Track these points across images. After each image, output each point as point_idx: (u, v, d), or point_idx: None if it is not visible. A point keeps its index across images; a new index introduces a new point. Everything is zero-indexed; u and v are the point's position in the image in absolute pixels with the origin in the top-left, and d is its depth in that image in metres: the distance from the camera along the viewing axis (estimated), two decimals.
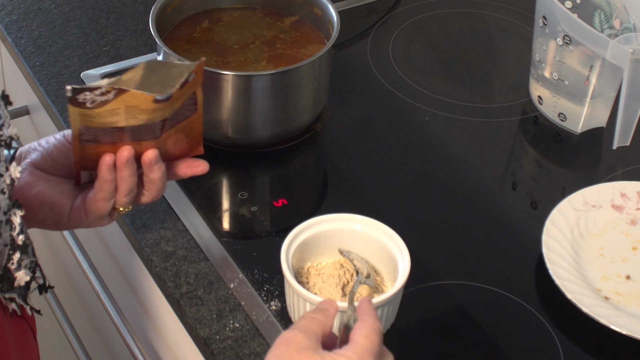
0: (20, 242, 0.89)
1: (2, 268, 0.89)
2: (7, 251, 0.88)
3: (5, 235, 0.87)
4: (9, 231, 0.88)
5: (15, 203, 0.88)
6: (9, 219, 0.87)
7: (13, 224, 0.88)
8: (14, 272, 0.90)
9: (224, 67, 1.26)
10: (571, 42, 1.26)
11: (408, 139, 1.32)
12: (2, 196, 0.86)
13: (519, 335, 1.09)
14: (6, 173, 0.87)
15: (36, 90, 1.37)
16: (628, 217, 1.19)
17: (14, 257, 0.89)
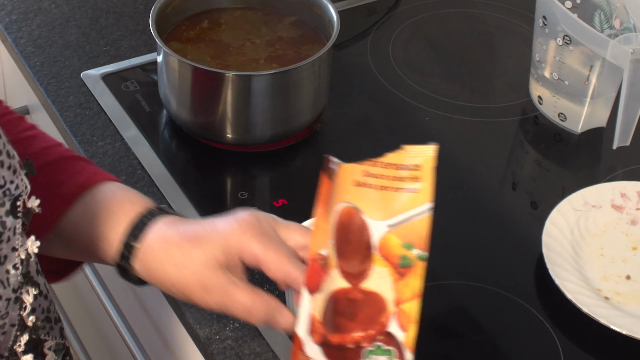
0: (29, 323, 0.83)
1: (8, 350, 0.83)
2: (14, 332, 0.82)
3: (13, 314, 0.81)
4: (18, 310, 0.81)
5: (29, 280, 0.81)
6: (18, 297, 0.81)
7: (24, 303, 0.81)
8: (20, 356, 0.84)
9: (224, 67, 1.26)
10: (571, 42, 1.26)
11: (408, 139, 1.32)
12: (14, 272, 0.80)
13: (519, 335, 1.09)
14: (21, 247, 0.80)
15: (36, 90, 1.37)
16: (628, 217, 1.19)
17: (21, 339, 0.83)
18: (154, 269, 0.92)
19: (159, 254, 0.91)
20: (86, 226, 0.94)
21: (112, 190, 0.96)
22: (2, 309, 0.79)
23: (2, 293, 0.79)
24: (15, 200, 0.78)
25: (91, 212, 0.94)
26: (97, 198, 0.95)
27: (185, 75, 1.23)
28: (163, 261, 0.91)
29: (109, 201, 0.94)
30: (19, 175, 0.78)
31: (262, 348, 1.06)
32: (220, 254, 0.89)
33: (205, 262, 0.89)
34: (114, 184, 0.97)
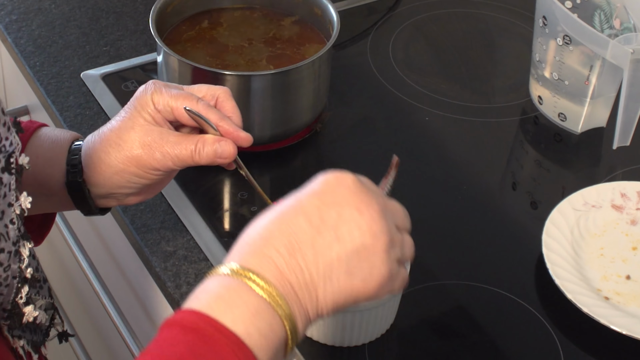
0: (28, 275, 0.86)
1: (11, 303, 0.85)
2: (16, 284, 0.85)
3: (14, 267, 0.84)
4: (18, 263, 0.84)
5: (24, 235, 0.85)
6: (17, 250, 0.84)
7: (22, 256, 0.85)
8: (22, 307, 0.87)
9: (224, 67, 1.26)
10: (571, 42, 1.26)
11: (408, 139, 1.32)
12: (12, 226, 0.82)
13: (519, 335, 1.09)
14: (16, 203, 0.83)
15: (36, 90, 1.37)
16: (628, 217, 1.19)
17: (22, 290, 0.86)
18: (99, 161, 0.99)
19: (97, 146, 0.99)
20: (35, 156, 1.01)
21: (51, 130, 1.05)
22: (4, 261, 0.82)
23: (4, 246, 0.81)
24: (9, 157, 0.81)
25: (39, 144, 1.03)
26: (42, 133, 1.04)
27: (185, 75, 1.23)
28: (104, 149, 0.99)
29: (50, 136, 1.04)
30: (12, 132, 0.81)
31: None
32: (145, 114, 0.98)
33: (135, 125, 0.98)
34: (48, 127, 1.06)
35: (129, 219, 1.19)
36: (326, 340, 1.05)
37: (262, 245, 0.77)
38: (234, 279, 0.76)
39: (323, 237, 0.77)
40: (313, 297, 0.77)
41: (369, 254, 0.78)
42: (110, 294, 1.37)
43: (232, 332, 0.74)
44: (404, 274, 0.82)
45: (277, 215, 0.79)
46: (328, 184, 0.80)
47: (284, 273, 0.77)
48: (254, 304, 0.75)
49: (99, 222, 1.38)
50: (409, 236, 0.84)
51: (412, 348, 1.07)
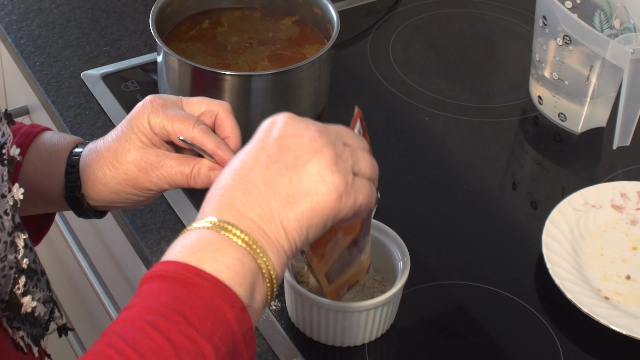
0: (24, 265, 0.87)
1: (9, 294, 0.86)
2: (13, 275, 0.86)
3: (10, 257, 0.85)
4: (14, 254, 0.85)
5: (18, 225, 0.86)
6: (13, 240, 0.85)
7: (17, 247, 0.86)
8: (20, 298, 0.87)
9: (224, 67, 1.26)
10: (571, 42, 1.26)
11: (408, 139, 1.32)
12: (6, 217, 0.84)
13: (519, 335, 1.09)
14: (9, 194, 0.84)
15: (36, 90, 1.37)
16: (628, 217, 1.19)
17: (19, 281, 0.86)
18: (96, 181, 1.00)
19: (95, 165, 1.00)
20: (34, 168, 1.02)
21: (50, 136, 1.04)
22: (0, 251, 0.83)
23: (0, 236, 0.82)
24: (1, 148, 0.81)
25: (39, 154, 1.03)
26: (40, 142, 1.03)
27: (185, 75, 1.23)
28: (100, 169, 0.99)
29: (49, 145, 1.03)
30: (3, 124, 0.81)
31: (262, 348, 1.06)
32: (142, 136, 0.97)
33: (131, 148, 0.98)
34: (51, 131, 1.06)
35: (129, 219, 1.19)
36: (326, 340, 1.05)
37: (220, 195, 0.81)
38: (199, 230, 0.79)
39: (271, 169, 0.80)
40: (279, 227, 0.79)
41: (318, 170, 0.80)
42: (110, 293, 1.37)
43: (210, 274, 0.76)
44: (365, 187, 0.83)
45: (230, 169, 0.82)
46: (265, 128, 0.83)
47: (243, 211, 0.79)
48: (219, 244, 0.78)
49: (98, 222, 1.38)
50: (364, 152, 0.85)
51: (412, 348, 1.07)
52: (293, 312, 1.06)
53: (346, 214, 0.82)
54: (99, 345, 0.74)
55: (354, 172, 0.83)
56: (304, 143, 0.81)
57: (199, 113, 0.98)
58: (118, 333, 0.75)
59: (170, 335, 0.74)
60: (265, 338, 1.06)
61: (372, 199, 0.85)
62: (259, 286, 0.79)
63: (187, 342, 0.74)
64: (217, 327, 0.75)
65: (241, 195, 0.80)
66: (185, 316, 0.74)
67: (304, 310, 1.04)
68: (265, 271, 0.79)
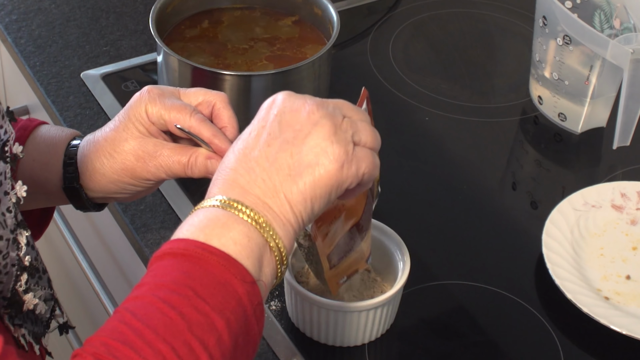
0: (27, 262, 0.87)
1: (11, 291, 0.86)
2: (15, 272, 0.86)
3: (12, 255, 0.85)
4: (16, 251, 0.85)
5: (21, 223, 0.86)
6: (15, 237, 0.85)
7: (20, 244, 0.86)
8: (22, 295, 0.87)
9: (224, 67, 1.26)
10: (571, 42, 1.26)
11: (408, 139, 1.32)
12: (9, 214, 0.84)
13: (519, 335, 1.09)
14: (12, 191, 0.84)
15: (36, 90, 1.37)
16: (628, 217, 1.19)
17: (21, 278, 0.86)
18: (94, 171, 1.00)
19: (92, 155, 1.00)
20: (32, 160, 1.02)
21: (47, 129, 1.04)
22: (3, 249, 0.83)
23: (2, 234, 0.82)
24: (3, 146, 0.81)
25: (36, 147, 1.03)
26: (38, 135, 1.03)
27: (185, 75, 1.23)
28: (98, 159, 0.99)
29: (46, 138, 1.03)
30: (5, 121, 0.81)
31: (262, 348, 1.06)
32: (139, 126, 0.97)
33: (129, 137, 0.98)
34: (46, 125, 1.06)
35: (129, 219, 1.19)
36: (326, 340, 1.05)
37: (225, 175, 0.82)
38: (205, 209, 0.81)
39: (273, 146, 0.82)
40: (283, 201, 0.81)
41: (318, 141, 0.82)
42: (110, 293, 1.37)
43: (219, 249, 0.78)
44: (367, 155, 0.85)
45: (233, 149, 0.84)
46: (265, 107, 0.86)
47: (248, 188, 0.81)
48: (225, 220, 0.79)
49: (98, 221, 1.38)
50: (364, 122, 0.87)
51: (412, 348, 1.07)
52: (293, 312, 1.06)
53: (350, 183, 0.83)
54: (112, 322, 0.75)
55: (355, 141, 0.85)
56: (302, 117, 0.83)
57: (196, 103, 0.99)
58: (130, 310, 0.75)
59: (183, 309, 0.74)
60: (265, 338, 1.06)
61: (376, 167, 0.87)
62: (267, 260, 0.80)
63: (200, 316, 0.74)
64: (228, 301, 0.76)
65: (245, 173, 0.81)
66: (197, 291, 0.75)
67: (304, 310, 1.04)
68: (273, 245, 0.80)
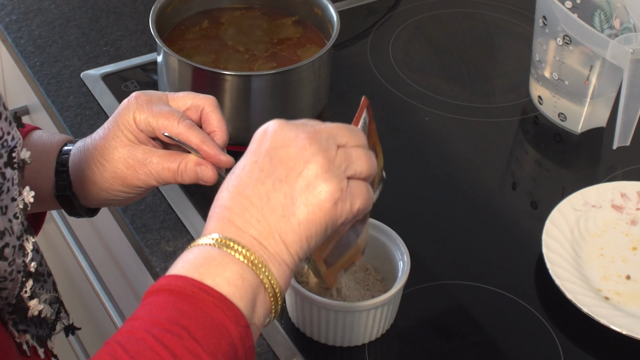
0: (32, 268, 0.87)
1: (16, 297, 0.86)
2: (21, 278, 0.85)
3: (18, 261, 0.84)
4: (22, 257, 0.85)
5: (27, 229, 0.86)
6: (21, 244, 0.84)
7: (26, 250, 0.86)
8: (27, 301, 0.87)
9: (224, 67, 1.26)
10: (571, 42, 1.26)
11: (408, 139, 1.32)
12: (15, 221, 0.83)
13: (519, 335, 1.09)
14: (19, 197, 0.84)
15: (36, 90, 1.37)
16: (628, 217, 1.19)
17: (27, 284, 0.86)
18: (86, 179, 1.00)
19: (83, 164, 1.00)
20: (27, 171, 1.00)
21: (39, 135, 1.04)
22: (9, 256, 0.82)
23: (8, 241, 0.82)
24: (11, 152, 0.81)
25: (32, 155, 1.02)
26: (30, 142, 1.03)
27: (185, 75, 1.23)
28: (89, 168, 0.99)
29: (38, 145, 1.03)
30: (13, 127, 0.81)
31: (262, 348, 1.06)
32: (128, 133, 0.97)
33: (118, 146, 0.98)
34: (41, 130, 1.05)
35: (129, 219, 1.19)
36: (326, 340, 1.05)
37: (220, 212, 0.81)
38: (202, 246, 0.80)
39: (265, 183, 0.80)
40: (278, 241, 0.80)
41: (310, 180, 0.80)
42: (110, 293, 1.37)
43: (215, 290, 0.77)
44: (361, 190, 0.83)
45: (227, 185, 0.83)
46: (256, 139, 0.83)
47: (243, 228, 0.80)
48: (220, 260, 0.79)
49: (98, 222, 1.38)
50: (360, 149, 0.84)
51: (412, 348, 1.07)
52: (293, 312, 1.06)
53: (345, 219, 0.82)
54: (102, 355, 0.74)
55: (349, 175, 0.82)
56: (294, 153, 0.81)
57: (184, 108, 0.98)
58: (122, 344, 0.74)
59: (175, 350, 0.74)
60: (265, 338, 1.06)
61: (370, 200, 0.84)
62: (261, 301, 0.79)
63: (191, 357, 0.74)
64: (221, 344, 0.75)
65: (240, 213, 0.80)
66: (190, 331, 0.75)
67: (304, 310, 1.04)
68: (268, 285, 0.79)
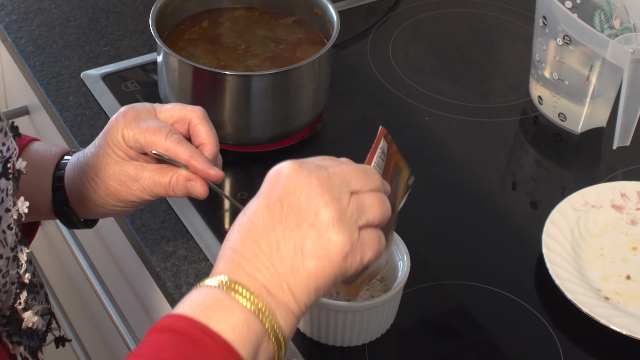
0: (26, 280, 0.86)
1: (10, 309, 0.86)
2: (15, 290, 0.85)
3: (12, 272, 0.84)
4: (16, 269, 0.85)
5: (21, 240, 0.85)
6: (15, 255, 0.84)
7: (20, 261, 0.85)
8: (21, 313, 0.87)
9: (224, 67, 1.26)
10: (571, 42, 1.26)
11: (408, 139, 1.32)
12: (9, 232, 0.83)
13: (519, 335, 1.09)
14: (13, 208, 0.84)
15: (36, 90, 1.37)
16: (628, 217, 1.19)
17: (21, 296, 0.86)
18: (81, 196, 1.01)
19: (77, 182, 1.00)
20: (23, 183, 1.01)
21: (36, 149, 1.04)
22: (2, 267, 0.82)
23: (2, 252, 0.82)
24: (6, 162, 0.81)
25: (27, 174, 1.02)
26: (27, 157, 1.03)
27: (185, 75, 1.23)
28: (82, 184, 1.00)
29: (36, 160, 1.03)
30: (9, 138, 0.81)
31: None
32: (118, 151, 0.97)
33: (110, 163, 0.98)
34: (38, 142, 1.06)
35: (129, 218, 1.19)
36: (326, 340, 1.05)
37: (230, 255, 0.80)
38: (210, 288, 0.79)
39: (276, 231, 0.79)
40: (286, 291, 0.79)
41: (321, 231, 0.79)
42: (110, 293, 1.37)
43: (219, 336, 0.76)
44: (373, 240, 0.81)
45: (239, 227, 0.81)
46: (270, 181, 0.82)
47: (252, 274, 0.79)
48: (227, 304, 0.78)
49: (98, 222, 1.38)
50: (373, 194, 0.83)
51: (412, 348, 1.07)
52: None
53: (354, 270, 0.81)
54: None
55: (362, 225, 0.81)
56: (305, 202, 0.79)
57: (172, 121, 0.98)
58: None
59: None
60: None
61: (381, 249, 0.83)
62: (264, 348, 0.79)
63: None
64: None
65: (250, 258, 0.79)
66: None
67: None
68: (272, 333, 0.78)
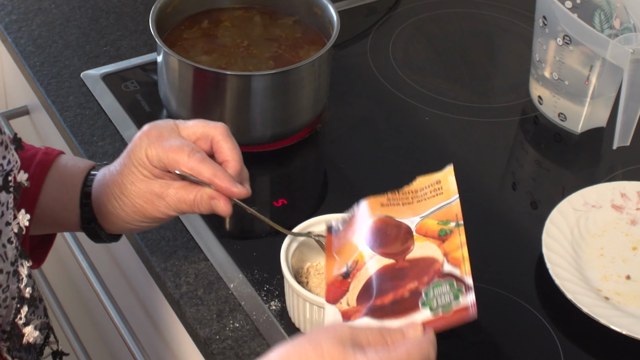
0: (27, 294, 0.86)
1: (10, 324, 0.85)
2: (15, 305, 0.85)
3: (12, 287, 0.83)
4: (17, 283, 0.84)
5: (22, 253, 0.85)
6: (16, 270, 0.84)
7: (20, 276, 0.85)
8: (22, 328, 0.87)
9: (224, 67, 1.26)
10: (571, 42, 1.26)
11: (408, 139, 1.32)
12: (10, 245, 0.82)
13: (519, 335, 1.09)
14: (14, 221, 0.83)
15: (36, 90, 1.37)
16: (628, 217, 1.19)
17: (22, 311, 0.86)
18: (108, 213, 1.02)
19: (104, 199, 1.01)
20: (52, 200, 1.03)
21: (64, 164, 1.05)
22: (3, 282, 0.82)
23: (2, 267, 0.81)
24: (7, 176, 0.80)
25: (55, 185, 1.03)
26: (56, 172, 1.04)
27: (185, 75, 1.23)
28: (109, 201, 1.01)
29: (64, 176, 1.04)
30: (10, 151, 0.81)
31: (262, 348, 1.06)
32: (143, 170, 0.98)
33: (135, 181, 0.99)
34: (65, 156, 1.07)
35: None
36: None
37: None
38: None
39: None
40: None
41: None
42: (110, 293, 1.37)
43: None
44: None
45: None
46: (306, 353, 0.84)
47: None
48: None
49: None
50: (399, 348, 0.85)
51: None
52: (293, 312, 1.06)
53: None
54: None
55: None
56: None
57: (194, 138, 0.99)
58: None
59: None
60: (265, 338, 1.06)
61: None
62: None
63: None
64: None
65: None
66: None
67: (304, 311, 1.04)
68: None
